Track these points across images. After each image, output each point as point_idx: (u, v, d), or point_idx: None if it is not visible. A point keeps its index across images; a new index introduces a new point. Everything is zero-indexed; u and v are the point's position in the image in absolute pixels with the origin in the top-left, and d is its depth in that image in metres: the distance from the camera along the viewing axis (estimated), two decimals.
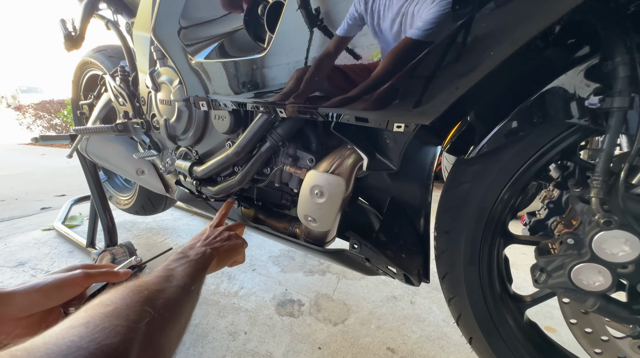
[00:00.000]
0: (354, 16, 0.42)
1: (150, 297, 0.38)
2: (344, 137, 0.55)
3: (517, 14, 0.32)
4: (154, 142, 0.98)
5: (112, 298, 0.35)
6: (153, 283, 0.42)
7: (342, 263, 0.70)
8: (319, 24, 0.45)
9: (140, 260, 0.60)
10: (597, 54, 0.38)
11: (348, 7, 0.42)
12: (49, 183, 2.55)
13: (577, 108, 0.39)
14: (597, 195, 0.39)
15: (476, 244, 0.54)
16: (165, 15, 0.68)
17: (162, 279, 0.45)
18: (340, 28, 0.43)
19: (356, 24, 0.42)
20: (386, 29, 0.40)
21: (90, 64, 1.28)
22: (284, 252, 1.40)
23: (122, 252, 1.10)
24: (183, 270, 0.49)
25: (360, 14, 0.41)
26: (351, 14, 0.42)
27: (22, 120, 6.57)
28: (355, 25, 0.42)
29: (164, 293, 0.41)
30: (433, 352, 0.86)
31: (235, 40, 0.64)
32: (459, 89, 0.38)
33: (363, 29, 0.42)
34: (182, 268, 0.50)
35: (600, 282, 0.42)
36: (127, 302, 0.35)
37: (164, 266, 0.50)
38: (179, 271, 0.49)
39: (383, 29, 0.40)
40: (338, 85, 0.46)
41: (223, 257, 0.63)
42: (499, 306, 0.56)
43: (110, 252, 1.08)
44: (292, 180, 0.72)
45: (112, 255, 1.06)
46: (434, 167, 0.64)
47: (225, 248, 0.64)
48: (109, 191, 1.58)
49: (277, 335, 0.90)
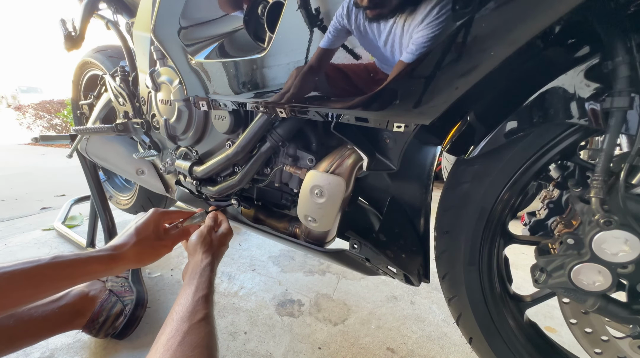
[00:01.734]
0: (337, 28, 0.42)
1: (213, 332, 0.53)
2: (344, 137, 0.55)
3: (517, 14, 0.32)
4: (154, 142, 0.98)
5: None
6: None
7: (343, 264, 0.70)
8: (319, 24, 0.45)
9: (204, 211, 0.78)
10: (597, 54, 0.38)
11: None
12: (49, 184, 2.55)
13: (577, 108, 0.39)
14: (597, 195, 0.39)
15: (476, 244, 0.54)
16: (165, 15, 0.68)
17: (204, 302, 0.56)
18: (325, 38, 0.43)
19: (344, 30, 0.42)
20: (385, 30, 0.40)
21: (90, 64, 1.28)
22: (284, 252, 1.40)
23: None
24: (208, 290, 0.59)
25: (344, 26, 0.41)
26: (335, 23, 0.42)
27: (22, 120, 6.57)
28: (344, 32, 0.42)
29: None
30: (433, 352, 0.86)
31: (235, 40, 0.64)
32: (459, 89, 0.38)
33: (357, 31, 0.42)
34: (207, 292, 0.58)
35: (600, 282, 0.42)
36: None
37: (197, 291, 0.57)
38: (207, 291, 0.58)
39: (382, 30, 0.40)
40: (338, 85, 0.46)
41: (222, 253, 0.72)
42: (499, 306, 0.56)
43: None
44: (292, 180, 0.72)
45: None
46: (434, 167, 0.64)
47: (224, 247, 0.72)
48: (109, 191, 1.58)
49: (277, 335, 0.90)
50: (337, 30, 0.43)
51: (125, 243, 0.63)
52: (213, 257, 0.65)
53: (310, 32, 0.46)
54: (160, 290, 1.08)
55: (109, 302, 0.86)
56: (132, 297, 0.91)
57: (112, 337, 0.85)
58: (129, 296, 0.91)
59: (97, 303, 0.84)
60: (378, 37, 0.40)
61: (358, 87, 0.45)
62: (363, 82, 0.44)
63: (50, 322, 0.74)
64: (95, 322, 0.82)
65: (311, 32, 0.46)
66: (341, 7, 0.42)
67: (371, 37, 0.41)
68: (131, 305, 0.89)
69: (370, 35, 0.41)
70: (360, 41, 0.42)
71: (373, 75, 0.42)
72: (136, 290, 0.94)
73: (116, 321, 0.85)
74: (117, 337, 0.85)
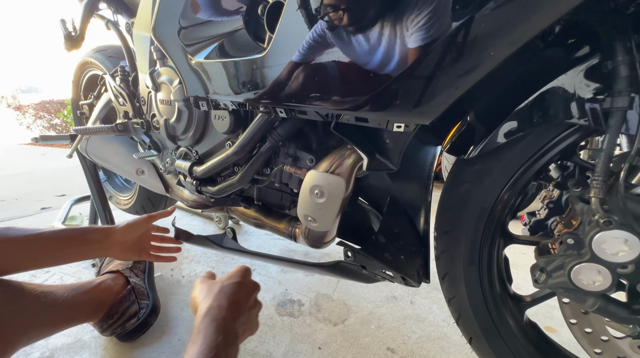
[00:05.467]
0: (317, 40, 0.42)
1: None
2: (344, 137, 0.55)
3: (517, 14, 0.32)
4: (154, 142, 0.98)
5: None
6: None
7: (341, 276, 0.70)
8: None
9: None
10: (597, 54, 0.38)
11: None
12: (49, 183, 2.55)
13: (577, 108, 0.39)
14: (597, 195, 0.39)
15: (476, 244, 0.54)
16: (165, 15, 0.68)
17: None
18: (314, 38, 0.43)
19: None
20: (385, 30, 0.40)
21: (90, 64, 1.28)
22: (284, 252, 1.40)
23: None
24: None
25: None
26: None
27: (22, 120, 6.57)
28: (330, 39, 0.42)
29: None
30: (433, 352, 0.86)
31: (235, 40, 0.64)
32: (458, 89, 0.38)
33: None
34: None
35: (600, 282, 0.42)
36: None
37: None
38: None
39: (381, 29, 0.40)
40: (338, 85, 0.46)
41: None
42: (499, 306, 0.56)
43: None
44: (292, 180, 0.72)
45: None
46: (434, 167, 0.64)
47: (254, 325, 0.59)
48: (109, 191, 1.58)
49: (277, 335, 0.90)
50: (320, 39, 0.45)
51: (117, 225, 0.77)
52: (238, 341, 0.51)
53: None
54: (159, 290, 1.08)
55: (128, 300, 0.86)
56: (147, 302, 0.90)
57: (117, 337, 0.84)
58: (145, 300, 0.90)
59: (118, 298, 0.84)
60: (380, 31, 0.40)
61: (358, 87, 0.45)
62: (363, 82, 0.44)
63: (80, 311, 0.76)
64: (109, 317, 0.82)
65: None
66: (318, 27, 0.43)
67: (372, 33, 0.41)
68: (146, 309, 0.88)
69: (372, 31, 0.41)
70: (359, 39, 0.42)
71: (373, 75, 0.42)
72: (152, 297, 0.92)
73: (128, 322, 0.84)
74: (122, 338, 0.84)
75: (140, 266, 0.99)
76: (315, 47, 0.46)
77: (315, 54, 0.46)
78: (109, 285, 0.85)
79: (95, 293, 0.80)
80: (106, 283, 0.84)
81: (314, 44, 0.46)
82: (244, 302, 0.56)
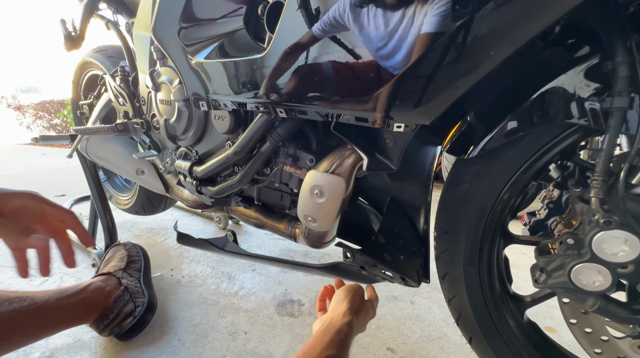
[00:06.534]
0: (331, 23, 0.42)
1: None
2: (343, 137, 0.55)
3: (517, 14, 0.32)
4: (154, 142, 0.98)
5: None
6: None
7: (340, 277, 0.70)
8: None
9: None
10: (597, 54, 0.38)
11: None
12: (49, 183, 2.55)
13: (577, 108, 0.39)
14: (597, 195, 0.39)
15: (476, 244, 0.54)
16: (165, 15, 0.68)
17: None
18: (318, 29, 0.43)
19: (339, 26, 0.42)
20: (385, 30, 0.40)
21: (90, 64, 1.28)
22: (284, 252, 1.40)
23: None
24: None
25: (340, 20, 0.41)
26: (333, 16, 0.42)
27: (22, 120, 6.57)
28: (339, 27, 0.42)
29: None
30: (433, 352, 0.86)
31: (235, 40, 0.64)
32: (458, 88, 0.38)
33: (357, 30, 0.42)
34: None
35: (600, 282, 0.42)
36: None
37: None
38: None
39: (381, 30, 0.40)
40: (338, 85, 0.46)
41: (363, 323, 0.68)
42: (499, 306, 0.56)
43: (124, 247, 1.07)
44: (292, 180, 0.72)
45: (127, 251, 1.06)
46: (434, 167, 0.64)
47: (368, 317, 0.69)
48: (109, 191, 1.58)
49: (277, 335, 0.90)
50: (331, 26, 0.43)
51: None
52: (355, 319, 0.63)
53: None
54: (159, 291, 1.08)
55: (123, 300, 0.86)
56: (143, 300, 0.90)
57: (115, 336, 0.85)
58: (140, 298, 0.90)
59: (112, 299, 0.84)
60: (379, 31, 0.40)
61: (358, 87, 0.45)
62: (363, 81, 0.44)
63: (67, 314, 0.75)
64: (105, 317, 0.82)
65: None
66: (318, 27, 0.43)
67: (372, 33, 0.41)
68: (142, 307, 0.88)
69: (372, 31, 0.40)
70: (359, 38, 0.42)
71: (373, 74, 0.42)
72: (148, 294, 0.93)
73: (124, 321, 0.84)
74: (120, 337, 0.85)
75: (135, 265, 0.99)
76: (315, 46, 0.46)
77: (315, 53, 0.46)
78: (99, 286, 0.84)
79: (83, 295, 0.79)
80: (96, 285, 0.84)
81: (314, 43, 0.46)
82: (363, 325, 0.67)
